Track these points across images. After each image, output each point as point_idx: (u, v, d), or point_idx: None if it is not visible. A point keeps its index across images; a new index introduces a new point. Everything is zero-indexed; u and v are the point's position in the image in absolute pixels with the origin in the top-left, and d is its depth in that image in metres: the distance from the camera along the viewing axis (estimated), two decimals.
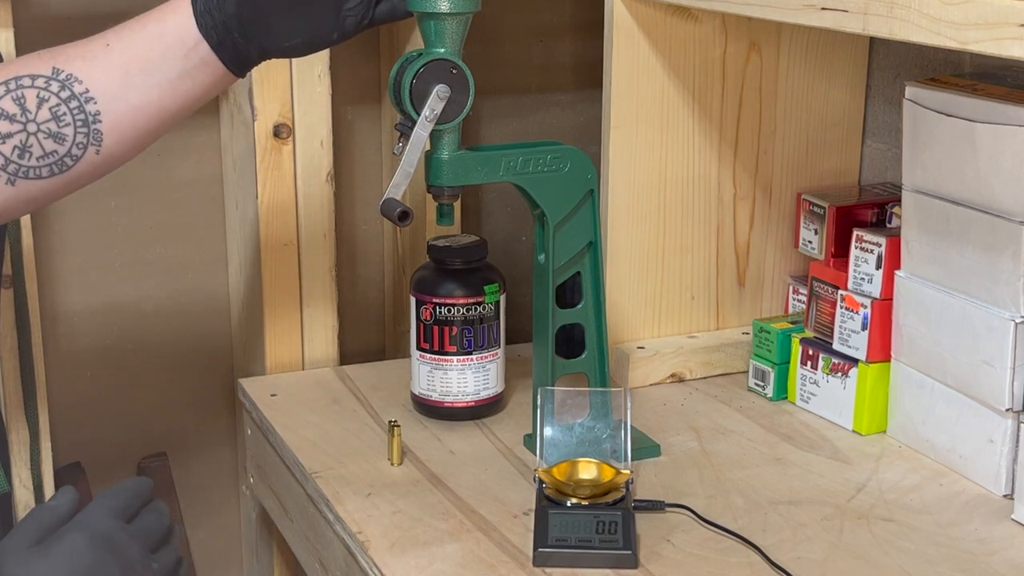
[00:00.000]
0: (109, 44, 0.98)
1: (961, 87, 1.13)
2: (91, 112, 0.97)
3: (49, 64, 0.97)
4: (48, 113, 0.96)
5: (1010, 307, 1.09)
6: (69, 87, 0.96)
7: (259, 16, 0.99)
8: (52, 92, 0.96)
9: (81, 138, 0.97)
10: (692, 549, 1.03)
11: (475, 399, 1.27)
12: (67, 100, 0.96)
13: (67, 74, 0.96)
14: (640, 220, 1.34)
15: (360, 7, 1.03)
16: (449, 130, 1.09)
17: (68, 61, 0.97)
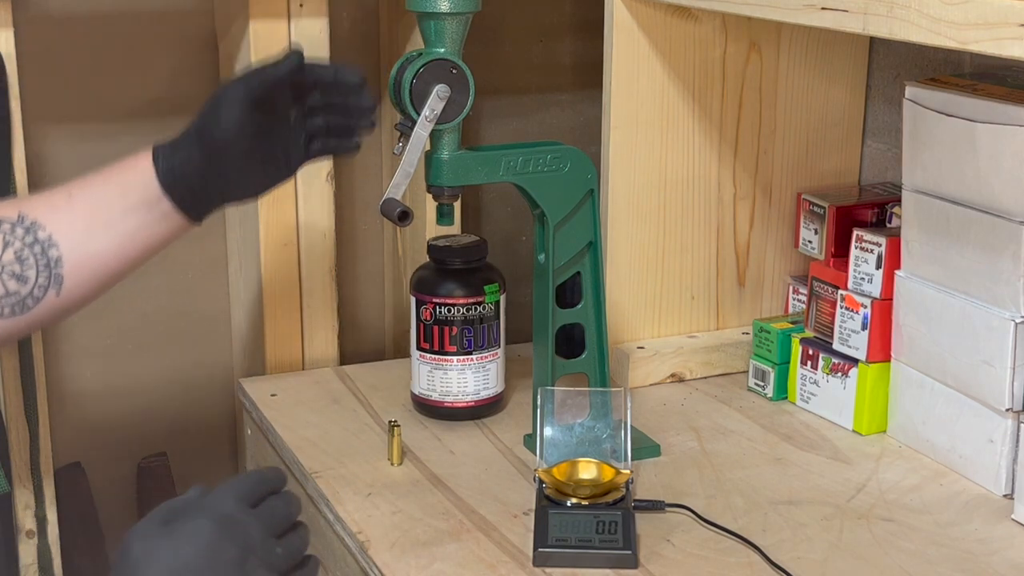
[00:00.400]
0: (72, 195, 1.03)
1: (961, 87, 1.13)
2: (53, 257, 1.01)
3: (15, 210, 1.01)
4: (12, 255, 1.00)
5: (1010, 307, 1.09)
6: (33, 232, 1.01)
7: (222, 173, 1.04)
8: (17, 237, 1.00)
9: (43, 280, 1.01)
10: (692, 549, 1.03)
11: (475, 399, 1.27)
12: (31, 245, 1.00)
13: (32, 220, 1.01)
14: (640, 220, 1.34)
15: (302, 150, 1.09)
16: (449, 130, 1.09)
17: (33, 208, 1.02)
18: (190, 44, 1.45)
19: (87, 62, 1.41)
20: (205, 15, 1.45)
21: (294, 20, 1.37)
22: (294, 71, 1.05)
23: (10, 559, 1.33)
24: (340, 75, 1.08)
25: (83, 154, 1.43)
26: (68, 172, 1.42)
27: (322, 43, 1.38)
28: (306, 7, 1.37)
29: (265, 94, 1.04)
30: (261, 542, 0.85)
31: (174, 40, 1.45)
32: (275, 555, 0.87)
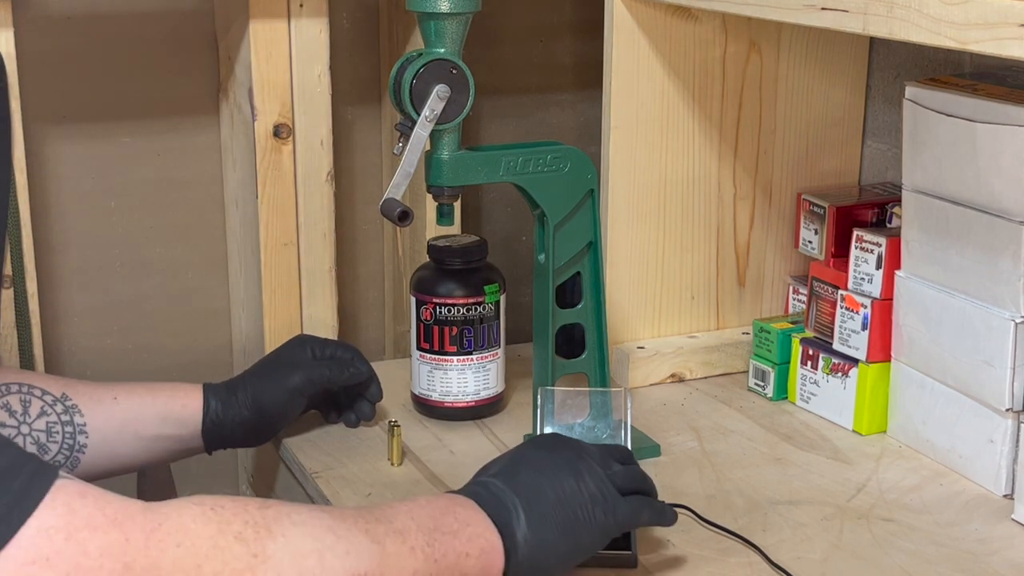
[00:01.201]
0: (117, 398, 1.10)
1: (961, 87, 1.13)
2: (80, 443, 1.07)
3: (61, 389, 1.07)
4: (44, 424, 1.05)
5: (1010, 307, 1.09)
6: (71, 414, 1.07)
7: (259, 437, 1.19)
8: (55, 411, 1.06)
9: (61, 458, 1.06)
10: (692, 549, 1.03)
11: (475, 399, 1.27)
12: (64, 423, 1.06)
13: (73, 403, 1.07)
14: (640, 220, 1.34)
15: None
16: (449, 130, 1.09)
17: (78, 394, 1.08)
18: (190, 44, 1.45)
19: (87, 62, 1.41)
20: (205, 15, 1.45)
21: (294, 20, 1.37)
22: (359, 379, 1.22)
23: None
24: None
25: (83, 154, 1.43)
26: (68, 172, 1.42)
27: (322, 43, 1.38)
28: (306, 7, 1.37)
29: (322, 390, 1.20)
30: (599, 457, 0.96)
31: (174, 40, 1.45)
32: (612, 470, 0.96)
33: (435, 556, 0.83)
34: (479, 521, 0.87)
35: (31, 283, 1.31)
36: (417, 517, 0.84)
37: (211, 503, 0.74)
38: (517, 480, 0.91)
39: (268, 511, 0.76)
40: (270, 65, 1.37)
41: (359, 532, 0.79)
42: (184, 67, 1.46)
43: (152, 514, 0.71)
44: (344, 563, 0.77)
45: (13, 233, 1.31)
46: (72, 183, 1.43)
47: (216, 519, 0.73)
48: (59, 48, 1.40)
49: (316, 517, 0.78)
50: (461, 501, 0.89)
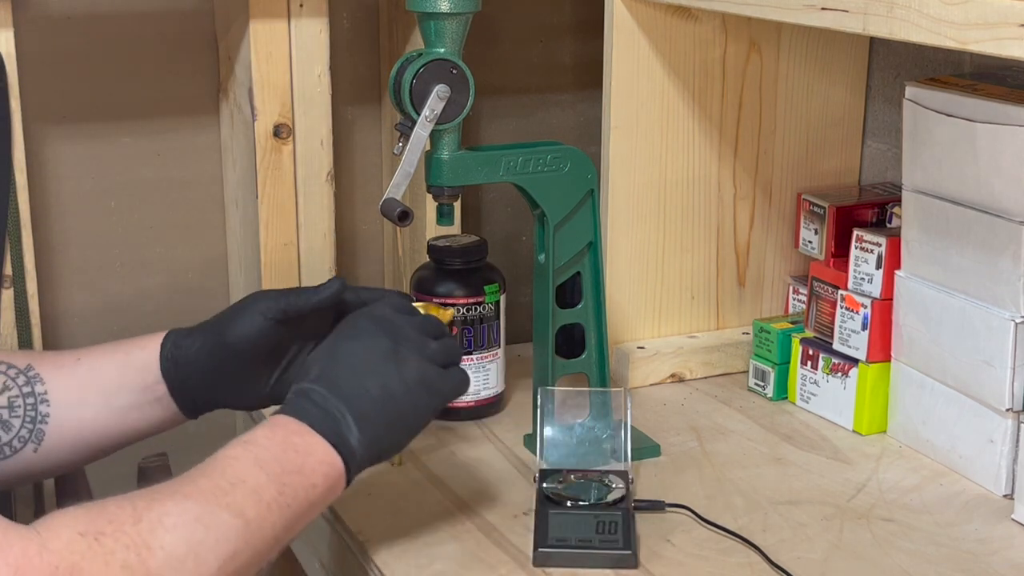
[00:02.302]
0: (80, 359, 1.05)
1: (961, 87, 1.13)
2: (42, 413, 1.02)
3: (26, 360, 1.03)
4: (5, 400, 1.01)
5: (1010, 307, 1.09)
6: (32, 384, 1.02)
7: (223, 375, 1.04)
8: (17, 384, 1.02)
9: (25, 432, 1.02)
10: (692, 549, 1.03)
11: (475, 399, 1.27)
12: (26, 395, 1.02)
13: (36, 373, 1.03)
14: (640, 220, 1.34)
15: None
16: (449, 130, 1.09)
17: (42, 363, 1.04)
18: (190, 44, 1.45)
19: (87, 62, 1.41)
20: (205, 15, 1.45)
21: (294, 20, 1.37)
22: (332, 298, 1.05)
23: None
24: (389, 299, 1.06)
25: (83, 154, 1.43)
26: (68, 172, 1.42)
27: (322, 43, 1.38)
28: (306, 7, 1.37)
29: (294, 315, 1.04)
30: (415, 337, 0.98)
31: (174, 40, 1.45)
32: (429, 349, 0.98)
33: (287, 502, 0.87)
34: (316, 446, 0.90)
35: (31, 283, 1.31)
36: (264, 464, 0.87)
37: (94, 531, 0.77)
38: (338, 385, 0.93)
39: (142, 525, 0.79)
40: (270, 65, 1.37)
41: (222, 510, 0.83)
42: (184, 67, 1.46)
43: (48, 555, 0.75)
44: (216, 552, 0.81)
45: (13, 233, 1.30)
46: (72, 183, 1.43)
47: (101, 551, 0.77)
48: (59, 48, 1.40)
49: (185, 511, 0.81)
50: (295, 428, 0.90)
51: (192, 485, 0.84)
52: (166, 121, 1.46)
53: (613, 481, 1.08)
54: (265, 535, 0.85)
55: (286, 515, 0.87)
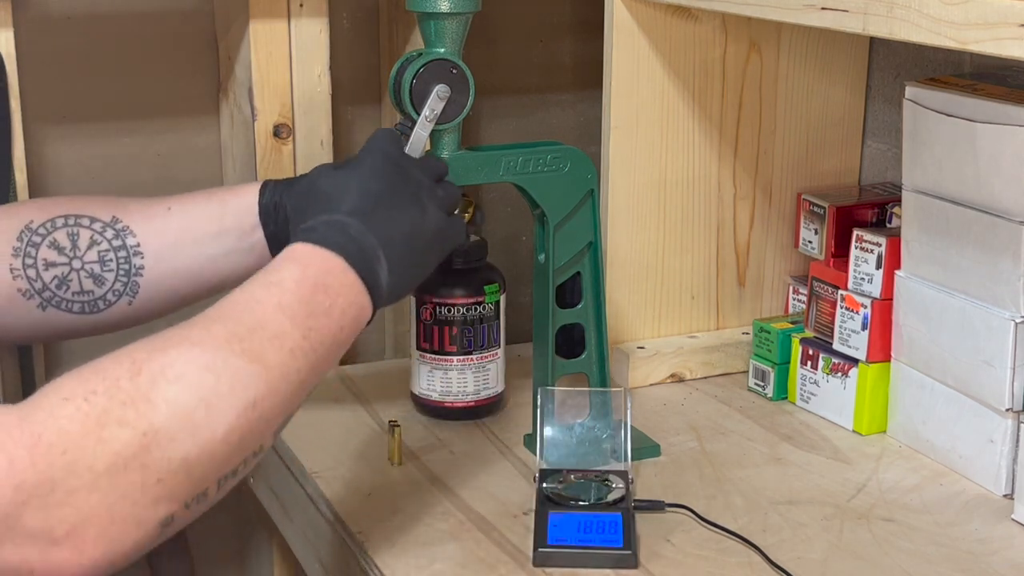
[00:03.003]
0: (171, 208, 1.04)
1: (961, 87, 1.13)
2: (136, 265, 1.01)
3: (110, 212, 1.02)
4: (95, 255, 1.00)
5: (1010, 307, 1.09)
6: (123, 237, 1.01)
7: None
8: (106, 238, 1.01)
9: (119, 286, 1.01)
10: (692, 549, 1.03)
11: (475, 399, 1.27)
12: (117, 248, 1.01)
13: (124, 225, 1.02)
14: (640, 220, 1.34)
15: None
16: (449, 130, 1.09)
17: (129, 214, 1.02)
18: (190, 44, 1.46)
19: (87, 62, 1.41)
20: (205, 15, 1.45)
21: (294, 20, 1.37)
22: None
23: None
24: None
25: (83, 154, 1.43)
26: (68, 172, 1.42)
27: (322, 43, 1.38)
28: (306, 7, 1.37)
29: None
30: (428, 183, 0.97)
31: (174, 40, 1.45)
32: (438, 196, 0.98)
33: (313, 347, 0.82)
34: (349, 286, 0.86)
35: None
36: (289, 308, 0.82)
37: (82, 393, 0.71)
38: (378, 223, 0.90)
39: (141, 379, 0.73)
40: (270, 65, 1.37)
41: (236, 357, 0.77)
42: (184, 67, 1.46)
43: (29, 426, 0.68)
44: (231, 401, 0.75)
45: None
46: (72, 183, 1.43)
47: (93, 412, 0.70)
48: (59, 48, 1.40)
49: (191, 360, 0.75)
50: (330, 266, 0.86)
51: (203, 331, 0.78)
52: (166, 121, 1.47)
53: (613, 481, 1.08)
54: (290, 381, 0.80)
55: (311, 360, 0.82)
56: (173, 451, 0.72)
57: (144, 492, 0.71)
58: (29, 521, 0.67)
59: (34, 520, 0.67)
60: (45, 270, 0.99)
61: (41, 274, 0.99)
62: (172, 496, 0.73)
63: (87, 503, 0.69)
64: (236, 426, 0.75)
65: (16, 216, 1.01)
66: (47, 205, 1.03)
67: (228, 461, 0.76)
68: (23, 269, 0.99)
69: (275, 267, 0.85)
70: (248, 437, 0.77)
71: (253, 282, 0.84)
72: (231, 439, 0.75)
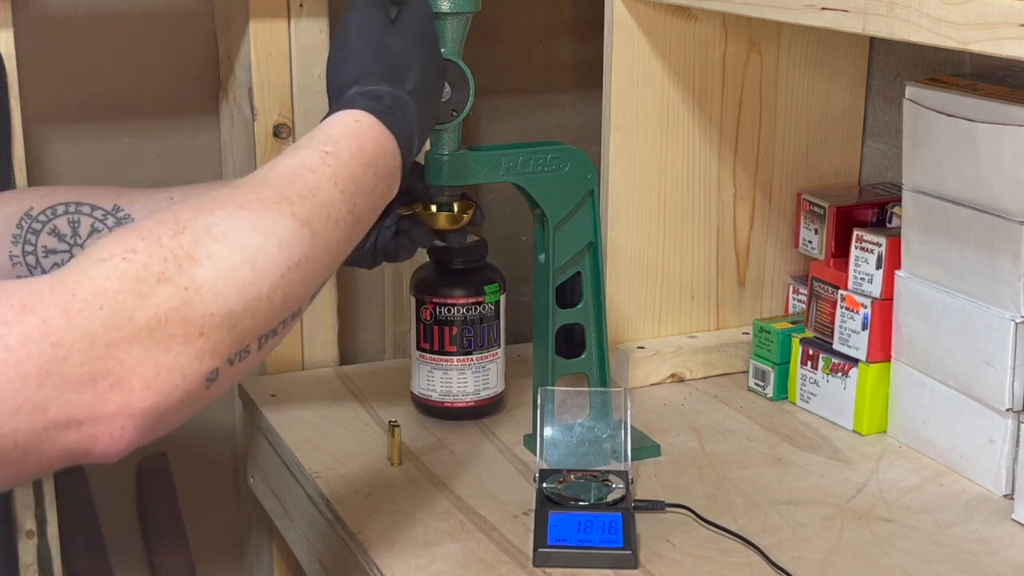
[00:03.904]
0: (173, 198, 1.04)
1: (961, 87, 1.13)
2: None
3: (112, 200, 1.02)
4: None
5: (1010, 307, 1.09)
6: (123, 225, 0.99)
7: None
8: (106, 225, 1.01)
9: None
10: (692, 549, 1.03)
11: (475, 399, 1.27)
12: None
13: (126, 213, 1.02)
14: (640, 220, 1.34)
15: None
16: (449, 130, 1.09)
17: (130, 203, 1.02)
18: (190, 44, 1.45)
19: (87, 62, 1.41)
20: (205, 15, 1.45)
21: (294, 20, 1.37)
22: None
23: (10, 559, 1.33)
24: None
25: (83, 154, 1.43)
26: (68, 172, 1.42)
27: (322, 43, 1.38)
28: (306, 7, 1.37)
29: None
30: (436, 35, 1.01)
31: (174, 40, 1.45)
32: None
33: (353, 220, 0.84)
34: (394, 171, 0.89)
35: None
36: (341, 181, 0.83)
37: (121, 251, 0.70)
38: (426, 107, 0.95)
39: (184, 236, 0.72)
40: (270, 65, 1.37)
41: (285, 218, 0.77)
42: (184, 67, 1.46)
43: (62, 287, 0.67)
44: (277, 260, 0.75)
45: None
46: (72, 183, 1.43)
47: (132, 268, 0.69)
48: (59, 48, 1.40)
49: (238, 220, 0.75)
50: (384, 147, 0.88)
51: (252, 194, 0.78)
52: (166, 121, 1.47)
53: (613, 481, 1.08)
54: (331, 248, 0.81)
55: (350, 232, 0.83)
56: (217, 307, 0.71)
57: (187, 345, 0.70)
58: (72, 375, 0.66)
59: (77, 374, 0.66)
60: (45, 257, 0.99)
61: (41, 261, 0.99)
62: (215, 351, 0.71)
63: (129, 355, 0.68)
64: (279, 285, 0.75)
65: (16, 203, 1.01)
66: (48, 193, 1.02)
67: (270, 320, 0.75)
68: (23, 256, 0.99)
69: (333, 135, 0.86)
70: (290, 297, 0.77)
71: (308, 147, 0.84)
72: (274, 297, 0.75)
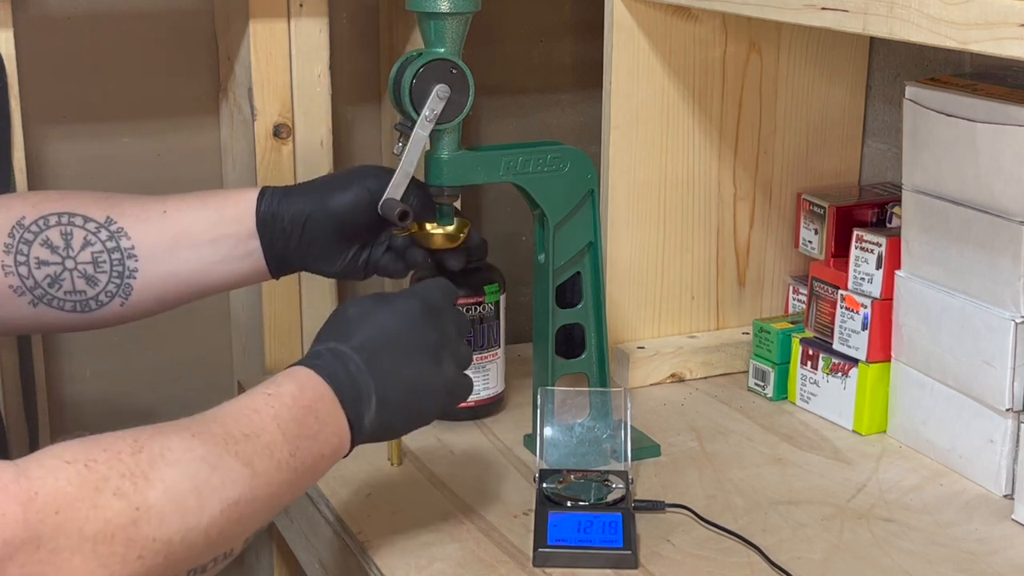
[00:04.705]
0: (167, 211, 1.04)
1: (961, 87, 1.13)
2: (130, 268, 1.02)
3: (104, 212, 1.02)
4: (89, 256, 1.00)
5: (1010, 307, 1.09)
6: (117, 239, 1.01)
7: (317, 237, 1.07)
8: (100, 239, 1.01)
9: (112, 287, 1.01)
10: (692, 549, 1.03)
11: (475, 399, 1.27)
12: (111, 250, 1.01)
13: (119, 227, 1.02)
14: (640, 220, 1.34)
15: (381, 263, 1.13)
16: (449, 130, 1.09)
17: (123, 214, 1.02)
18: (190, 44, 1.45)
19: (87, 62, 1.41)
20: (205, 15, 1.45)
21: (294, 20, 1.37)
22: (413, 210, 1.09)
23: None
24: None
25: (83, 154, 1.43)
26: (68, 172, 1.42)
27: (322, 43, 1.38)
28: (306, 7, 1.37)
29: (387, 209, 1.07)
30: (454, 339, 0.97)
31: (174, 40, 1.45)
32: (460, 353, 0.98)
33: (296, 464, 0.84)
34: (336, 418, 0.88)
35: None
36: (283, 423, 0.84)
37: (84, 458, 0.72)
38: (380, 366, 0.91)
39: (142, 456, 0.74)
40: (270, 65, 1.37)
41: (231, 457, 0.79)
42: (184, 67, 1.46)
43: (26, 482, 0.69)
44: (220, 495, 0.77)
45: None
46: (72, 183, 1.43)
47: (92, 477, 0.71)
48: (59, 48, 1.40)
49: (189, 450, 0.77)
50: (323, 393, 0.88)
51: (202, 427, 0.80)
52: (166, 121, 1.47)
53: (613, 481, 1.08)
54: (271, 491, 0.82)
55: (293, 477, 0.84)
56: (160, 531, 0.73)
57: (124, 565, 0.72)
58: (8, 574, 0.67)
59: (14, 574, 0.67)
60: (37, 268, 0.99)
61: (33, 272, 0.99)
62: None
63: (68, 564, 0.69)
64: (217, 520, 0.77)
65: (6, 211, 1.00)
66: (39, 201, 1.02)
67: (202, 555, 0.77)
68: (15, 267, 0.99)
69: (277, 381, 0.87)
70: (224, 535, 0.78)
71: (254, 392, 0.86)
72: (211, 532, 0.77)
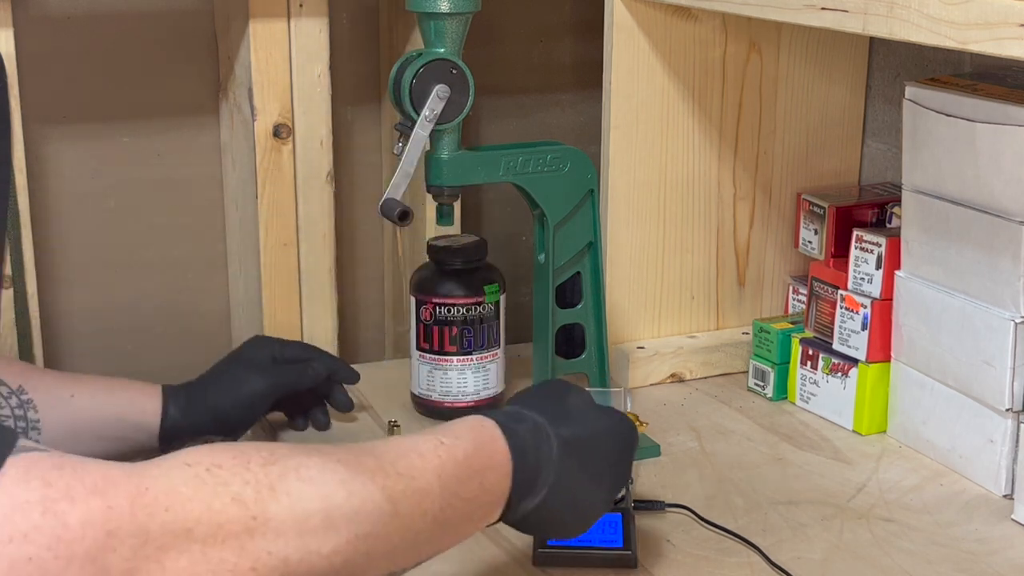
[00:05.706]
0: (74, 396, 1.08)
1: (961, 87, 1.13)
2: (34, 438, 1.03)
3: (18, 380, 1.05)
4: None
5: (1010, 307, 1.09)
6: (25, 408, 1.04)
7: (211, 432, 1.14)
8: (10, 405, 1.03)
9: None
10: (692, 549, 1.03)
11: (475, 399, 1.27)
12: (18, 418, 1.04)
13: (28, 398, 1.04)
14: (640, 220, 1.34)
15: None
16: (449, 130, 1.09)
17: (35, 388, 1.05)
18: (190, 44, 1.45)
19: (87, 62, 1.41)
20: (205, 15, 1.45)
21: (294, 20, 1.37)
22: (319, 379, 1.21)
23: None
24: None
25: (83, 154, 1.43)
26: (68, 172, 1.42)
27: (322, 43, 1.38)
28: (306, 7, 1.37)
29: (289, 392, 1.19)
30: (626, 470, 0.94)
31: (174, 40, 1.45)
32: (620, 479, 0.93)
33: (442, 520, 0.79)
34: (499, 493, 0.83)
35: (31, 283, 1.31)
36: (445, 477, 0.79)
37: (207, 463, 0.68)
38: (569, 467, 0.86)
39: (273, 468, 0.70)
40: (270, 65, 1.37)
41: (376, 489, 0.74)
42: (184, 67, 1.46)
43: (137, 478, 0.66)
44: (352, 524, 0.72)
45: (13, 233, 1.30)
46: (72, 183, 1.43)
47: (211, 481, 0.67)
48: (59, 48, 1.40)
49: (331, 471, 0.72)
50: (498, 463, 0.82)
51: (353, 456, 0.75)
52: (166, 121, 1.47)
53: None
54: (409, 537, 0.76)
55: (437, 532, 0.79)
56: (275, 545, 0.69)
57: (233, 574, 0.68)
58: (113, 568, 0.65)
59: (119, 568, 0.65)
60: None
61: None
62: None
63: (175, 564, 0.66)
64: (343, 549, 0.72)
65: None
66: None
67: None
68: None
69: (456, 432, 0.83)
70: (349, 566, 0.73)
71: (428, 434, 0.82)
72: (335, 560, 0.72)
